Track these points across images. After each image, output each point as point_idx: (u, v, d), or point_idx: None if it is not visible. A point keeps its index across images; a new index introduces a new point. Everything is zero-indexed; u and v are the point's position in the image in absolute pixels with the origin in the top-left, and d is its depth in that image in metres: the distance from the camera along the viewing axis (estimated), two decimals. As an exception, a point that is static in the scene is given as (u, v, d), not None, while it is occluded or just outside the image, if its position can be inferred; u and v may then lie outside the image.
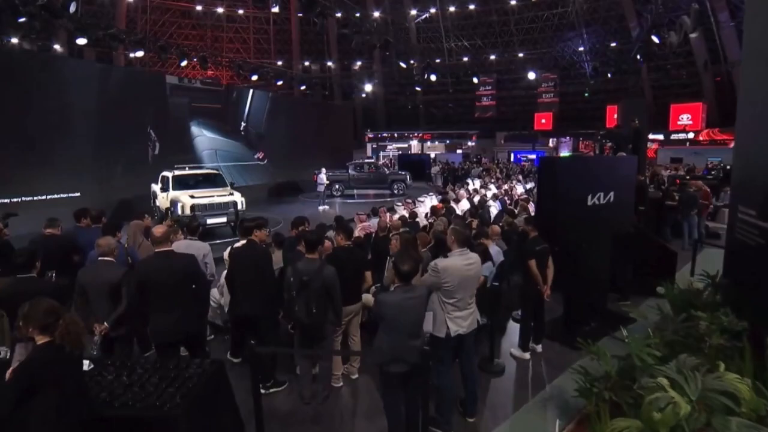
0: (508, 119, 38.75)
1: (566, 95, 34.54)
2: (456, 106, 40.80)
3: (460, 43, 37.87)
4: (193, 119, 17.34)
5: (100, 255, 4.35)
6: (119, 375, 3.54)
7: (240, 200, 11.66)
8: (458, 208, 11.25)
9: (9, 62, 12.18)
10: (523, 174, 21.03)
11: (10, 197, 11.88)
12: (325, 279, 4.21)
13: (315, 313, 4.18)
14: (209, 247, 5.59)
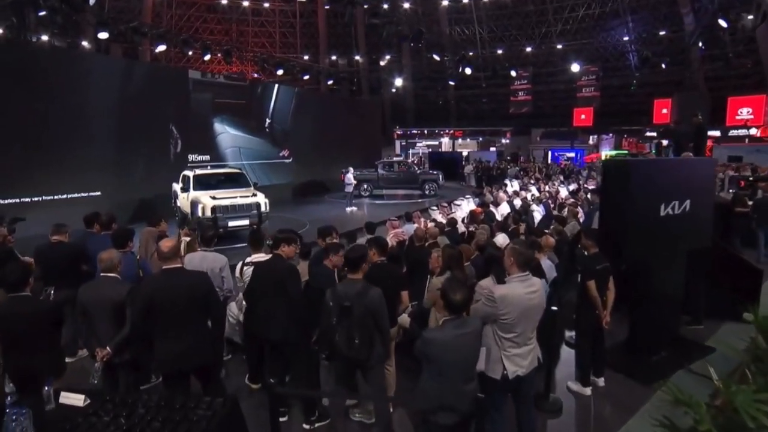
0: (545, 115, 37.55)
1: (608, 89, 33.12)
2: (489, 101, 39.84)
3: (494, 34, 36.88)
4: (216, 115, 17.13)
5: (102, 270, 3.94)
6: (117, 416, 3.08)
7: (263, 201, 11.33)
8: (498, 212, 10.63)
9: (30, 59, 12.15)
10: (564, 174, 20.05)
11: (30, 196, 11.87)
12: (369, 304, 3.66)
13: (358, 344, 3.64)
14: (226, 259, 5.12)
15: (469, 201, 11.59)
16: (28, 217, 11.18)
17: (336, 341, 3.70)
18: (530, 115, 37.44)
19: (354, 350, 3.65)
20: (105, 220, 5.72)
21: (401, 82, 26.68)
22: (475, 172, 24.43)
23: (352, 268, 3.83)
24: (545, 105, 37.84)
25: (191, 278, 3.85)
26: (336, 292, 3.74)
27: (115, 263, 3.93)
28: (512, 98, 37.99)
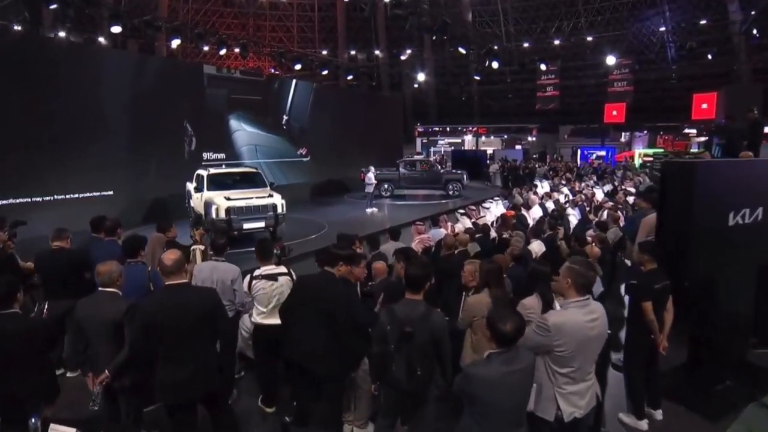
0: (573, 111, 36.65)
1: (642, 83, 32.00)
2: (514, 97, 39.10)
3: (520, 26, 36.08)
4: (231, 112, 16.93)
5: (100, 285, 3.62)
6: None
7: (280, 202, 11.08)
8: (529, 216, 10.10)
9: (41, 53, 12.05)
10: (597, 174, 19.29)
11: (41, 195, 11.78)
12: (434, 329, 3.24)
13: (420, 376, 3.21)
14: (239, 270, 4.77)
15: (498, 203, 11.08)
16: (38, 217, 11.16)
17: (393, 372, 3.26)
18: (558, 111, 36.54)
19: (415, 382, 3.21)
20: (109, 226, 5.42)
21: (423, 77, 26.07)
22: (501, 171, 23.83)
23: (413, 287, 3.37)
24: (574, 101, 36.91)
25: (197, 295, 3.50)
26: (395, 314, 3.29)
27: (114, 277, 3.61)
28: (539, 93, 37.11)
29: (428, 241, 7.84)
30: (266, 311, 4.37)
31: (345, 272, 3.84)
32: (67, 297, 4.79)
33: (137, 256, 4.64)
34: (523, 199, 12.46)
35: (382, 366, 3.33)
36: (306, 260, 9.83)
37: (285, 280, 4.40)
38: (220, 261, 4.81)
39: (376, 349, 3.40)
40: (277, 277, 4.36)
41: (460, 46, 19.13)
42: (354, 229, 12.60)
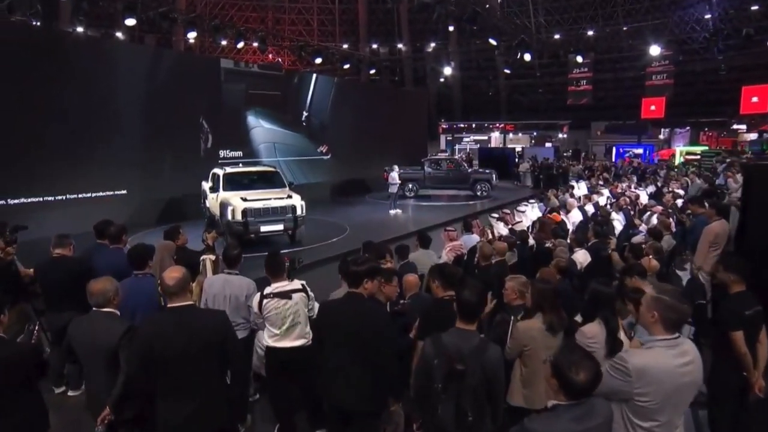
0: (607, 106, 35.59)
1: (683, 75, 30.75)
2: (544, 91, 38.21)
3: (551, 17, 35.17)
4: (249, 108, 16.74)
5: (94, 305, 3.26)
6: None
7: (300, 204, 10.77)
8: (569, 220, 9.53)
9: (52, 47, 11.93)
10: (638, 174, 18.45)
11: (53, 195, 11.75)
12: (488, 367, 2.79)
13: (471, 422, 2.75)
14: (254, 284, 4.38)
15: (534, 207, 10.52)
16: (49, 218, 11.17)
17: (439, 415, 2.81)
18: (590, 106, 35.53)
19: (465, 429, 2.75)
20: (114, 232, 5.09)
21: (450, 70, 25.46)
22: (532, 170, 23.11)
23: (467, 316, 2.92)
24: (608, 95, 35.83)
25: (205, 319, 3.13)
26: (443, 346, 2.83)
27: (110, 296, 3.24)
28: (570, 88, 36.14)
29: (460, 249, 7.38)
30: (280, 333, 3.99)
31: (373, 288, 3.44)
32: (69, 309, 4.52)
33: (145, 267, 4.30)
34: (559, 202, 11.90)
35: (426, 407, 2.88)
36: (327, 265, 9.62)
37: (299, 297, 4.02)
38: (233, 274, 4.43)
39: (417, 385, 2.97)
40: (290, 295, 3.97)
41: (490, 38, 18.51)
42: (377, 232, 12.44)
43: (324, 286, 6.93)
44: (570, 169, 20.37)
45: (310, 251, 10.58)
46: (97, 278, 3.34)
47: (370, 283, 3.38)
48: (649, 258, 5.43)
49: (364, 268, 3.39)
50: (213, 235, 5.66)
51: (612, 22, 32.19)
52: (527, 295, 3.71)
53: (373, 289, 3.44)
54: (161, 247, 4.99)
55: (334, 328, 3.35)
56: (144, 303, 4.05)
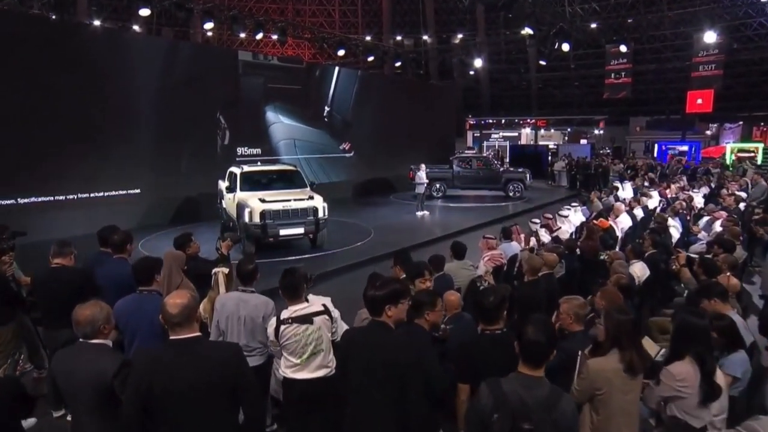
0: (647, 100, 34.45)
1: (735, 65, 29.39)
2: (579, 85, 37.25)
3: (587, 4, 34.15)
4: (268, 103, 16.56)
5: (80, 336, 2.86)
6: None
7: (322, 205, 10.44)
8: (617, 226, 8.95)
9: (63, 39, 11.83)
10: (687, 174, 17.51)
11: (64, 194, 11.75)
12: (560, 426, 2.34)
13: None
14: (272, 304, 3.97)
15: (577, 211, 9.92)
16: (61, 217, 11.29)
17: None
18: (629, 100, 34.37)
19: None
20: (117, 241, 4.74)
21: (480, 62, 24.77)
22: (568, 169, 22.39)
23: (533, 360, 2.46)
24: (648, 88, 34.66)
25: (213, 355, 2.71)
26: (504, 397, 2.37)
27: (99, 325, 2.84)
28: (607, 80, 34.85)
29: (500, 259, 6.92)
30: (300, 362, 3.59)
31: (398, 315, 3.01)
32: (68, 326, 4.08)
33: (151, 282, 3.91)
34: (603, 205, 11.29)
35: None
36: (350, 273, 9.44)
37: (322, 321, 3.62)
38: (249, 292, 4.01)
39: None
40: (311, 319, 3.57)
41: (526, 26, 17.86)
42: (404, 236, 12.17)
43: (347, 298, 6.53)
44: (610, 169, 19.53)
45: (332, 257, 10.33)
46: (84, 303, 2.93)
47: (393, 308, 2.96)
48: (728, 276, 4.84)
49: (384, 293, 2.96)
50: (228, 243, 5.27)
51: (654, 8, 31.00)
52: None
53: (399, 315, 3.02)
54: (169, 257, 4.60)
55: (358, 361, 2.96)
56: (146, 326, 3.65)
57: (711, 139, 30.42)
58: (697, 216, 10.24)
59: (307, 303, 3.67)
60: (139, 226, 12.54)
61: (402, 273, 4.91)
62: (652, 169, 19.21)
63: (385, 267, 9.66)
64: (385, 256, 10.16)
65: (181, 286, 4.56)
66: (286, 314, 3.59)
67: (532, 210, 16.40)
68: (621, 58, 32.46)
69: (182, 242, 5.24)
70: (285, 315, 3.58)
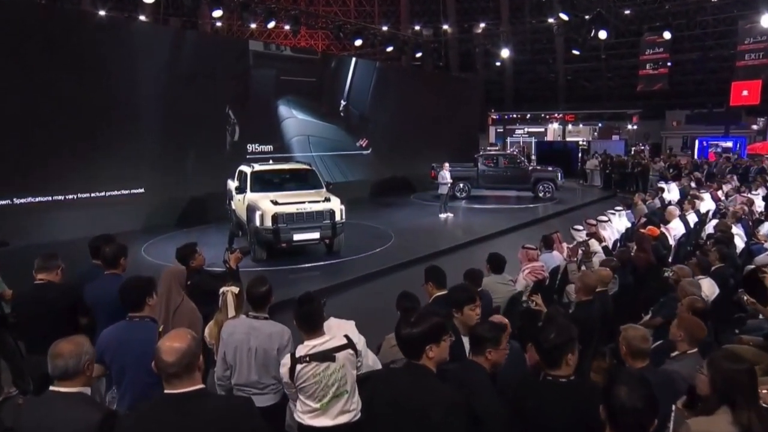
0: (686, 93, 33.41)
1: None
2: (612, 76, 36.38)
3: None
4: (281, 97, 16.37)
5: (57, 375, 2.43)
6: None
7: (339, 208, 10.11)
8: (670, 234, 8.37)
9: (60, 28, 11.66)
10: (738, 174, 16.65)
11: (63, 194, 11.67)
12: None
13: None
14: (289, 333, 3.50)
15: (621, 215, 9.37)
16: (60, 218, 11.26)
17: None
18: (665, 93, 33.45)
19: None
20: (109, 254, 4.32)
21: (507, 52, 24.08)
22: (602, 168, 21.68)
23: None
24: (687, 79, 33.69)
25: (218, 417, 2.21)
26: None
27: (78, 367, 2.40)
28: (641, 71, 34.04)
29: (541, 272, 6.41)
30: (320, 407, 3.16)
31: (441, 354, 2.54)
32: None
33: (142, 307, 3.46)
34: (648, 208, 10.68)
35: None
36: (370, 282, 9.13)
37: (345, 356, 3.18)
38: (261, 318, 3.55)
39: None
40: (333, 356, 3.13)
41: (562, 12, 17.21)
42: (427, 241, 11.89)
43: (368, 312, 6.11)
44: (650, 167, 18.77)
45: (350, 264, 10.03)
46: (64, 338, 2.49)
47: (434, 348, 2.49)
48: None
49: (423, 331, 2.48)
50: (237, 256, 4.82)
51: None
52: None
53: (441, 355, 2.55)
54: (168, 275, 4.15)
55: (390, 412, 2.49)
56: (136, 360, 3.20)
57: (757, 134, 29.37)
58: (757, 222, 9.59)
59: (326, 336, 3.21)
60: (143, 228, 12.60)
61: (435, 290, 4.52)
62: (698, 168, 18.35)
63: (409, 276, 9.33)
64: (408, 263, 10.00)
65: (181, 306, 4.13)
66: (302, 351, 3.13)
67: (565, 212, 16.09)
68: (657, 47, 31.67)
69: (186, 254, 4.81)
70: (301, 352, 3.13)
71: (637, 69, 33.65)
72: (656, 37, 30.35)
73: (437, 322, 2.56)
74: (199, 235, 12.06)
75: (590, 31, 17.28)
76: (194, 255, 4.88)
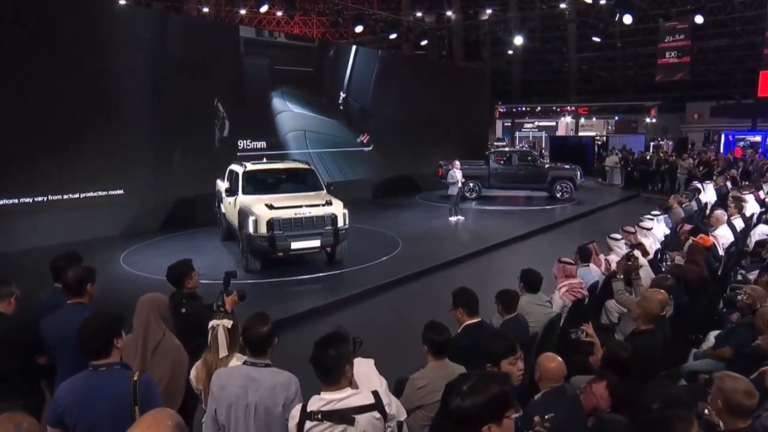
0: (707, 83, 33.04)
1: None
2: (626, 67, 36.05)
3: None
4: (275, 88, 16.00)
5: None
6: None
7: (342, 213, 9.66)
8: (719, 243, 7.89)
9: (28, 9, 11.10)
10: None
11: (32, 195, 11.28)
12: None
13: None
14: (296, 383, 2.95)
15: (660, 221, 8.88)
16: (26, 225, 10.77)
17: None
18: (686, 83, 33.06)
19: None
20: (73, 280, 3.75)
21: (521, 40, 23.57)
22: (623, 165, 21.23)
23: None
24: (709, 69, 33.33)
25: None
26: None
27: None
28: (660, 60, 33.59)
29: (580, 290, 5.91)
30: None
31: None
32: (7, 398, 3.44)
33: (109, 353, 2.86)
34: (685, 212, 10.19)
35: None
36: (379, 296, 8.67)
37: (368, 421, 2.66)
38: (261, 366, 2.98)
39: None
40: (352, 417, 2.62)
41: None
42: (438, 248, 11.50)
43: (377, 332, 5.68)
44: (677, 165, 18.24)
45: (355, 276, 9.54)
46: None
47: (495, 429, 1.95)
48: None
49: (481, 405, 1.94)
50: (233, 299, 4.24)
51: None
52: None
53: None
54: (147, 303, 3.58)
55: None
56: (108, 420, 2.67)
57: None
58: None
59: (348, 391, 2.66)
60: (122, 233, 12.17)
61: (465, 318, 4.20)
62: (733, 166, 17.79)
63: (421, 289, 8.97)
64: (418, 274, 9.60)
65: (162, 343, 3.60)
66: (315, 405, 2.60)
67: (586, 215, 15.71)
68: (678, 34, 31.23)
69: (180, 274, 4.33)
70: (314, 406, 2.60)
71: (656, 58, 33.33)
72: (677, 23, 29.96)
73: (499, 392, 1.99)
74: (186, 241, 11.80)
75: (615, 15, 16.79)
76: (191, 274, 4.39)
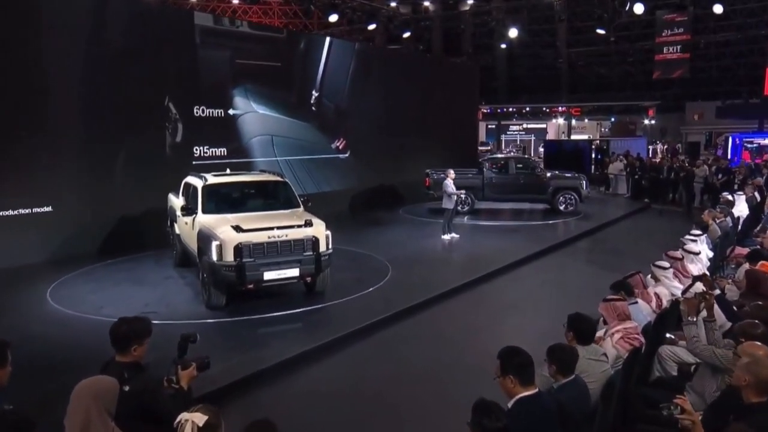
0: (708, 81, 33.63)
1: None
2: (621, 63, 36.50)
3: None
4: (237, 85, 15.61)
5: None
6: None
7: (324, 234, 9.12)
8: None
9: None
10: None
11: None
12: None
13: None
14: None
15: (702, 242, 8.58)
16: None
17: None
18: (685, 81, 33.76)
19: None
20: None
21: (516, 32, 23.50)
22: (630, 172, 21.10)
23: None
24: (711, 65, 33.98)
25: None
26: None
27: None
28: (658, 56, 34.29)
29: (636, 336, 5.36)
30: None
31: None
32: None
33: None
34: (720, 230, 9.81)
35: None
36: (369, 338, 8.05)
37: None
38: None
39: None
40: None
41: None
42: (435, 274, 11.25)
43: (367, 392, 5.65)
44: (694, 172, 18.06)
45: (340, 312, 8.91)
46: None
47: None
48: None
49: None
50: (190, 373, 3.47)
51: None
52: None
53: None
54: (86, 394, 2.81)
55: None
56: None
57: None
58: None
59: None
60: (52, 259, 11.52)
61: (518, 388, 3.72)
62: (756, 173, 17.67)
63: (420, 327, 8.43)
64: (416, 308, 8.99)
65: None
66: None
67: (595, 231, 15.45)
68: (677, 27, 31.83)
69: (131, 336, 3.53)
70: None
71: (654, 53, 33.95)
72: (676, 15, 30.48)
73: None
74: (130, 269, 11.14)
75: (625, 5, 16.71)
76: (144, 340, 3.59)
